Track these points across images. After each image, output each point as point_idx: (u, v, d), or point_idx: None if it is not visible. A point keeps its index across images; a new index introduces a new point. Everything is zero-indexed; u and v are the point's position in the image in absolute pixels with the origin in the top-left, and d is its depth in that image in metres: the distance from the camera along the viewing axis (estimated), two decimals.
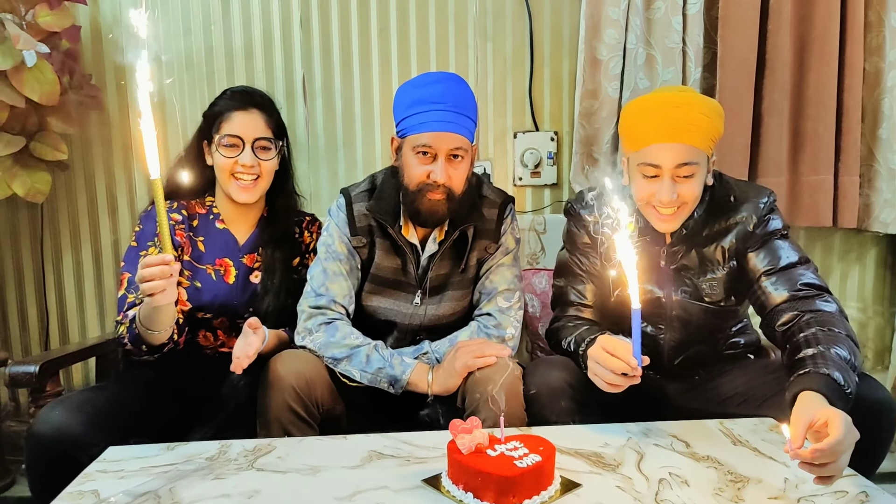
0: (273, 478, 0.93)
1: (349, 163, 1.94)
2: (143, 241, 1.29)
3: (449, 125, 1.20)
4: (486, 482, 0.83)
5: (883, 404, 1.05)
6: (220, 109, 1.32)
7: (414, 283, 1.32)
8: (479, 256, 1.34)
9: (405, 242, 1.30)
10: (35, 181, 1.69)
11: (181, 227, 1.32)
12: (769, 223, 1.22)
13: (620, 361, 1.03)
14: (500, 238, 1.35)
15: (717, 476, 0.92)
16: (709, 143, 1.17)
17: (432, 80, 1.25)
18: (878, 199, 1.86)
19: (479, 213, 1.32)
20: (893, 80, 1.79)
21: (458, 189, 1.24)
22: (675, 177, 1.16)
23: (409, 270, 1.32)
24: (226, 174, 1.31)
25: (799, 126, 1.83)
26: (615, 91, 1.80)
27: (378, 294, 1.34)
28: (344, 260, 1.31)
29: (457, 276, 1.33)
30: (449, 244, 1.30)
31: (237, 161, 1.30)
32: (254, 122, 1.31)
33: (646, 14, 1.78)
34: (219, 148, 1.30)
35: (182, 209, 1.34)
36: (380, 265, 1.32)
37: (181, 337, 1.24)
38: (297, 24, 1.88)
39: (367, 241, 1.31)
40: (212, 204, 1.38)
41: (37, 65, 1.55)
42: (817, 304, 1.11)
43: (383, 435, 1.08)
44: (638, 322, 0.97)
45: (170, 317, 1.14)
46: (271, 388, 1.15)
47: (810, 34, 1.79)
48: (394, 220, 1.29)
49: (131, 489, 0.90)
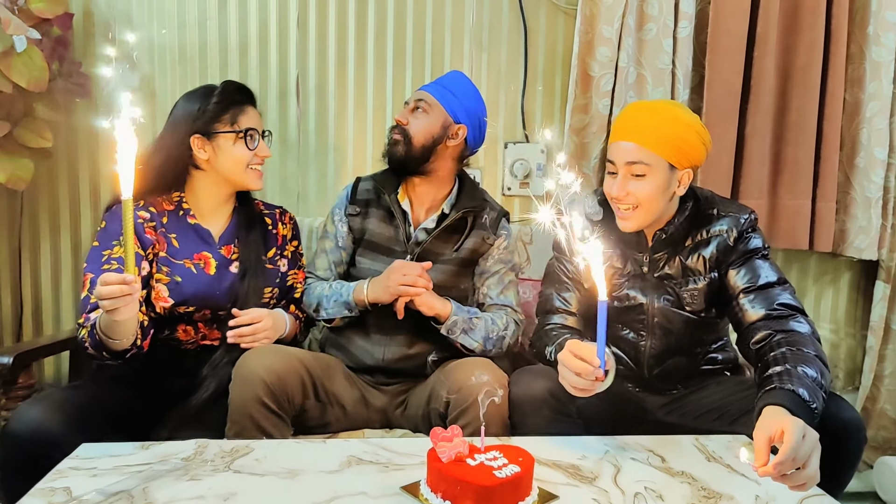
0: (250, 480, 0.93)
1: (339, 165, 1.94)
2: (107, 240, 1.27)
3: (427, 87, 1.44)
4: (464, 491, 0.84)
5: (850, 424, 1.08)
6: (233, 103, 1.34)
7: (404, 251, 1.42)
8: (477, 246, 1.44)
9: (398, 209, 1.42)
10: (17, 168, 1.66)
11: (151, 225, 1.31)
12: (750, 241, 1.26)
13: (583, 363, 1.02)
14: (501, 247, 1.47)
15: (690, 491, 0.94)
16: (671, 152, 1.20)
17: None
18: (854, 225, 1.91)
19: (482, 203, 1.46)
20: (872, 111, 1.85)
21: (415, 136, 1.39)
22: (627, 174, 1.21)
23: (399, 238, 1.42)
24: (242, 166, 1.35)
25: (780, 151, 1.88)
26: (605, 108, 1.83)
27: (370, 258, 1.44)
28: (329, 237, 1.48)
29: (449, 253, 1.43)
30: (450, 223, 1.41)
31: (257, 152, 1.36)
32: (257, 115, 1.40)
33: (638, 35, 1.81)
34: (245, 141, 1.34)
35: (149, 206, 1.33)
36: (373, 231, 1.45)
37: (145, 340, 1.21)
38: (293, 24, 1.88)
39: (361, 211, 1.46)
40: (180, 199, 1.37)
41: (26, 50, 1.53)
42: (791, 324, 1.15)
43: (363, 440, 1.08)
44: (604, 316, 0.96)
45: (131, 328, 1.13)
46: (242, 383, 1.16)
47: (794, 63, 1.84)
48: (392, 189, 1.44)
49: (104, 488, 0.88)
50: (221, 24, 1.86)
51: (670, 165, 1.21)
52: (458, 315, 1.34)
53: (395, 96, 1.92)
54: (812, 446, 0.87)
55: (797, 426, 0.87)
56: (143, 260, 1.27)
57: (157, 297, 1.27)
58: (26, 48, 1.53)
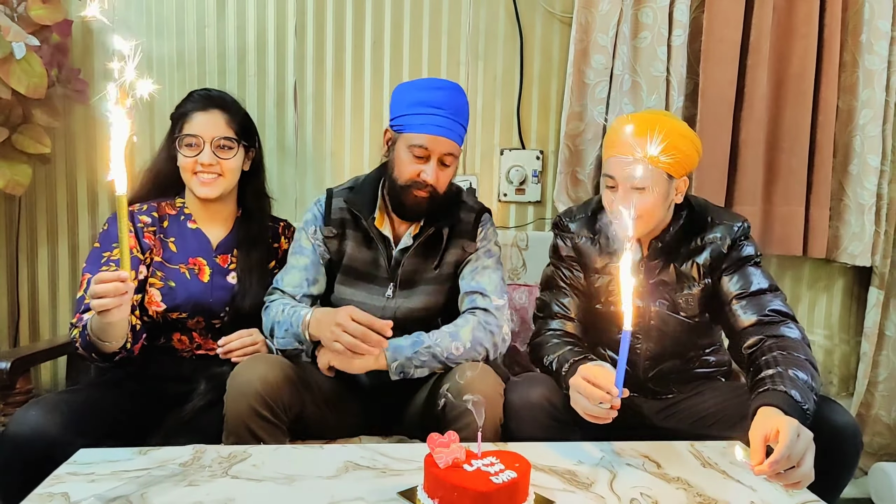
0: (248, 486, 0.93)
1: (336, 172, 1.95)
2: (108, 242, 1.29)
3: (445, 131, 1.27)
4: (461, 496, 0.84)
5: (846, 428, 1.09)
6: (183, 111, 1.35)
7: (386, 276, 1.35)
8: (457, 257, 1.38)
9: (377, 234, 1.34)
10: (15, 173, 1.66)
11: (151, 230, 1.33)
12: (743, 248, 1.27)
13: (600, 391, 1.04)
14: (477, 239, 1.39)
15: (686, 497, 0.95)
16: (669, 163, 1.21)
17: (437, 85, 1.32)
18: (847, 231, 1.93)
19: (457, 215, 1.38)
20: (865, 118, 1.87)
21: (441, 189, 1.31)
22: (628, 189, 1.21)
23: (380, 263, 1.35)
24: (188, 173, 1.33)
25: (774, 158, 1.90)
26: (600, 115, 1.85)
27: (350, 286, 1.37)
28: (307, 253, 1.36)
29: (430, 271, 1.36)
30: (423, 240, 1.34)
31: (197, 160, 1.32)
32: (214, 122, 1.34)
33: (632, 42, 1.83)
34: (180, 147, 1.33)
35: (152, 211, 1.35)
36: (352, 256, 1.36)
37: (136, 344, 1.22)
38: (291, 31, 1.89)
39: (338, 233, 1.36)
40: (182, 205, 1.39)
41: (26, 57, 1.53)
42: (782, 329, 1.16)
43: (360, 446, 1.08)
44: (626, 344, 0.99)
45: (121, 330, 1.13)
46: (237, 394, 1.15)
47: (787, 71, 1.86)
48: (368, 213, 1.35)
49: (102, 493, 0.89)
50: (220, 32, 1.88)
51: (668, 176, 1.22)
52: (398, 359, 1.23)
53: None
54: (806, 445, 0.89)
55: (792, 425, 0.89)
56: (140, 264, 1.28)
57: (150, 302, 1.28)
58: (25, 55, 1.54)
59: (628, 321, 0.98)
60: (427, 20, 1.91)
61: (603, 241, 1.33)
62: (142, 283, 1.28)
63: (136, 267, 1.27)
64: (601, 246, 1.34)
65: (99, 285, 0.98)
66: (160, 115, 1.86)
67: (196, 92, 1.40)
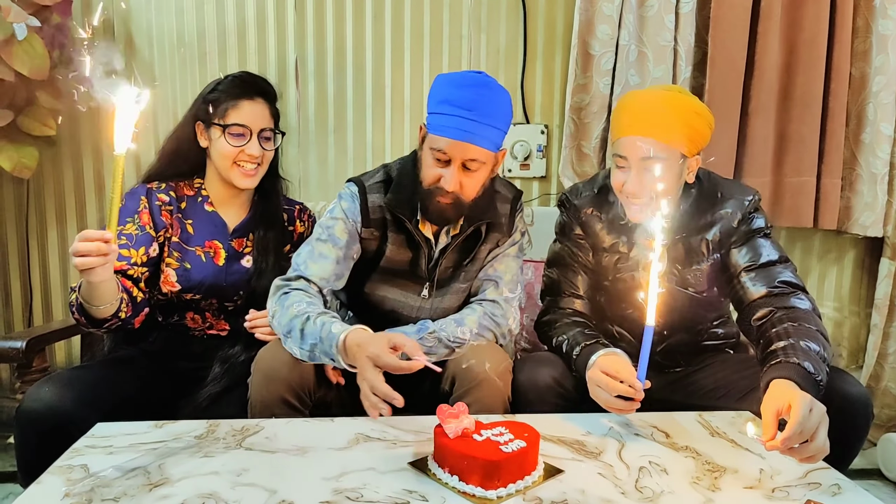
0: (261, 457, 0.94)
1: (339, 149, 1.94)
2: (121, 216, 1.27)
3: (468, 135, 1.15)
4: (471, 465, 0.85)
5: (858, 398, 1.09)
6: (228, 96, 1.30)
7: (424, 276, 1.30)
8: (489, 249, 1.33)
9: (421, 237, 1.27)
10: (22, 156, 1.67)
11: (168, 209, 1.32)
12: (753, 221, 1.26)
13: (622, 385, 1.04)
14: (513, 231, 1.34)
15: (695, 465, 0.95)
16: (682, 141, 1.18)
17: (467, 82, 1.18)
18: (859, 202, 1.91)
19: (494, 209, 1.31)
20: (879, 85, 1.84)
21: (468, 196, 1.21)
22: (641, 169, 1.19)
23: (420, 264, 1.29)
24: (229, 161, 1.30)
25: (784, 128, 1.86)
26: (606, 87, 1.82)
27: (386, 284, 1.31)
28: (341, 246, 1.25)
29: (464, 267, 1.32)
30: (462, 239, 1.28)
31: (244, 150, 1.29)
32: (261, 112, 1.31)
33: (639, 11, 1.79)
34: (225, 136, 1.29)
35: (170, 190, 1.33)
36: (391, 258, 1.29)
37: (136, 317, 1.21)
38: (291, 7, 1.87)
39: (378, 234, 1.28)
40: (200, 186, 1.37)
41: (27, 38, 1.53)
42: (792, 301, 1.15)
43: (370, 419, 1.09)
44: (649, 340, 0.99)
45: (108, 293, 1.11)
46: (264, 380, 1.14)
47: (799, 38, 1.82)
48: (412, 215, 1.25)
49: (121, 464, 0.90)
50: (219, 9, 1.86)
51: (682, 154, 1.20)
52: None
53: (394, 78, 1.92)
54: (819, 419, 0.88)
55: (804, 400, 0.88)
56: (154, 241, 1.28)
57: (166, 282, 1.29)
58: (27, 36, 1.53)
59: (651, 317, 0.98)
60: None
61: (610, 218, 1.32)
62: (153, 261, 1.28)
63: (149, 244, 1.27)
64: (608, 223, 1.32)
65: (81, 243, 0.96)
66: (162, 95, 1.85)
67: (237, 76, 1.33)
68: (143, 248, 1.26)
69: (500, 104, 1.19)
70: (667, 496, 0.86)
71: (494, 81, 1.20)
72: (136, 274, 1.24)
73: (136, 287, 1.23)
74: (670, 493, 0.87)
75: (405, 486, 0.87)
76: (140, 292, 1.24)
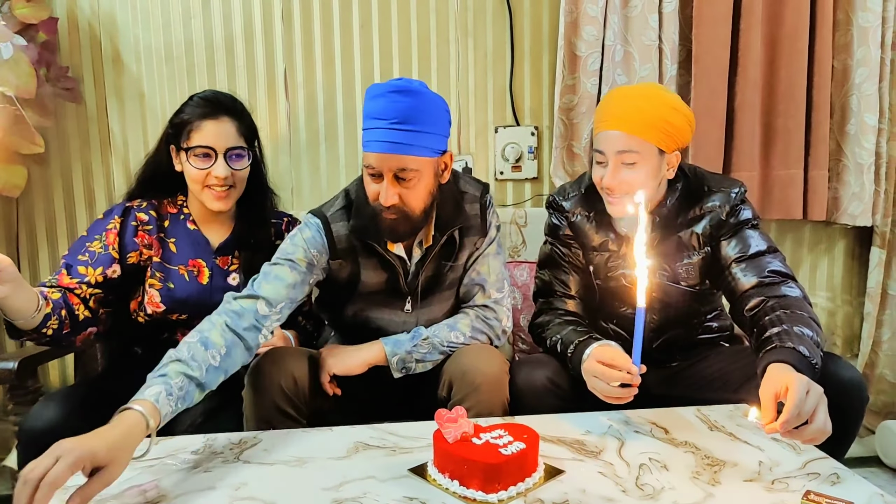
0: (260, 470, 0.94)
1: (331, 157, 1.94)
2: (92, 233, 1.27)
3: (393, 146, 1.10)
4: (472, 470, 0.85)
5: (853, 383, 1.10)
6: (189, 118, 1.25)
7: (405, 292, 1.29)
8: (468, 254, 1.32)
9: (393, 256, 1.25)
10: (10, 175, 1.66)
11: (147, 228, 1.29)
12: (740, 213, 1.27)
13: (619, 372, 1.05)
14: (487, 228, 1.32)
15: (694, 460, 0.96)
16: (660, 136, 1.19)
17: (378, 91, 1.13)
18: (846, 192, 1.93)
19: (463, 212, 1.28)
20: (861, 77, 1.86)
21: (415, 208, 1.16)
22: (617, 164, 1.19)
23: (398, 282, 1.28)
24: (198, 185, 1.26)
25: (770, 122, 1.88)
26: (594, 87, 1.83)
27: (369, 305, 1.30)
28: (299, 271, 1.20)
29: (445, 275, 1.30)
30: (437, 249, 1.26)
31: (210, 172, 1.25)
32: (226, 132, 1.25)
33: (623, 12, 1.81)
34: (190, 159, 1.25)
35: (151, 209, 1.31)
36: (367, 282, 1.27)
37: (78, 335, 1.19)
38: (278, 18, 1.87)
39: (349, 262, 1.25)
40: (183, 203, 1.35)
41: (13, 57, 1.52)
42: (783, 289, 1.16)
43: (369, 426, 1.09)
44: (641, 322, 1.00)
45: (16, 311, 1.08)
46: (260, 388, 1.14)
47: (781, 32, 1.84)
48: (379, 238, 1.22)
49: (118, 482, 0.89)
50: (206, 22, 1.86)
51: (659, 150, 1.21)
52: (398, 353, 1.23)
53: None
54: (817, 400, 0.89)
55: (801, 381, 0.89)
56: (114, 263, 1.25)
57: (150, 303, 1.27)
58: (13, 55, 1.52)
59: (642, 298, 0.99)
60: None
61: (598, 217, 1.33)
62: (111, 282, 1.24)
63: (108, 265, 1.23)
64: (597, 223, 1.33)
65: None
66: (151, 110, 1.85)
67: (200, 96, 1.30)
68: (102, 267, 1.23)
69: (426, 108, 1.12)
70: (668, 492, 0.87)
71: (419, 85, 1.14)
72: (85, 294, 1.20)
73: (85, 305, 1.20)
74: (671, 488, 0.88)
75: (406, 493, 0.86)
76: (87, 311, 1.20)
